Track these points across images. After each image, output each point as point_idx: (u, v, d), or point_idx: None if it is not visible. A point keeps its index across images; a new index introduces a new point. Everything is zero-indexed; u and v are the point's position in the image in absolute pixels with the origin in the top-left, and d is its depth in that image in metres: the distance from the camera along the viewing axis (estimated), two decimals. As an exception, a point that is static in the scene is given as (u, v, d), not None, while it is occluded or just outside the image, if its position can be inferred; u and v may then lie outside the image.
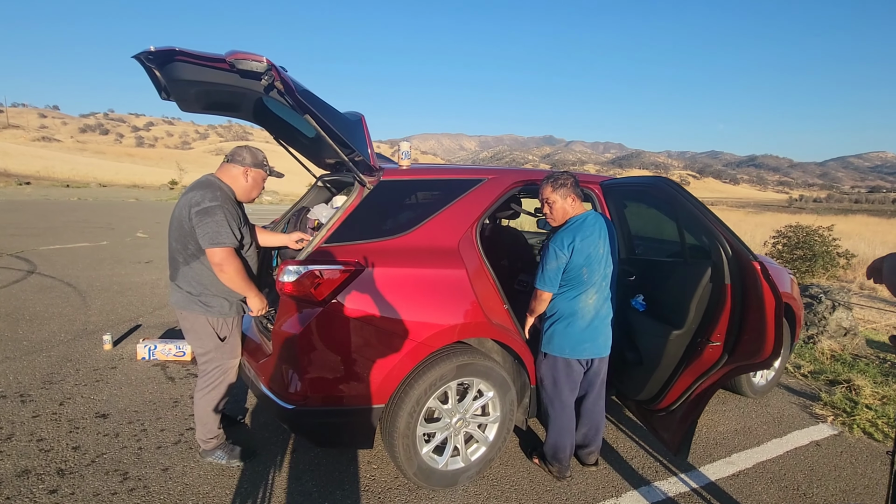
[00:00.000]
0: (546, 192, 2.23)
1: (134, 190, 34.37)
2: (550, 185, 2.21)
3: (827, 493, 2.45)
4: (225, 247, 2.10)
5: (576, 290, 2.18)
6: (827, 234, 9.80)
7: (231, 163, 2.30)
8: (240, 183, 2.31)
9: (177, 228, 2.20)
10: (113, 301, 5.31)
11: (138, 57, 1.94)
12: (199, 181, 2.27)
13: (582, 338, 2.21)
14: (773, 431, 3.08)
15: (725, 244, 1.82)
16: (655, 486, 2.44)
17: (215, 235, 2.08)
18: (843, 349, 4.83)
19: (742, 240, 1.81)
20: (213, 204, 2.10)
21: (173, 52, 1.79)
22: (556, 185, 2.20)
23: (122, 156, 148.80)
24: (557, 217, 2.24)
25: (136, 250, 8.79)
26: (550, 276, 2.18)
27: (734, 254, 1.81)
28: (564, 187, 2.20)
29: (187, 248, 2.18)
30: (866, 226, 23.82)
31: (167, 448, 2.56)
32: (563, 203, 2.21)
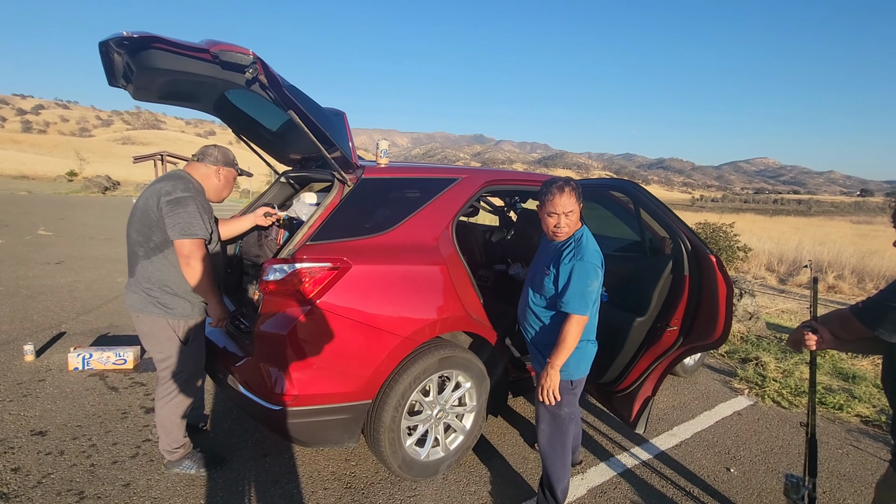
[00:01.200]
0: (567, 201, 1.88)
1: (23, 181, 30.29)
2: (573, 194, 1.90)
3: (751, 454, 2.86)
4: (196, 238, 2.03)
5: (595, 305, 1.98)
6: (729, 230, 11.09)
7: (202, 161, 2.23)
8: (211, 182, 2.24)
9: (139, 219, 2.08)
10: (24, 307, 4.72)
11: (107, 42, 1.79)
12: (169, 173, 2.17)
13: (594, 352, 2.07)
14: (703, 405, 3.50)
15: (685, 239, 2.07)
16: (615, 459, 2.70)
17: (186, 226, 2.00)
18: (748, 331, 5.54)
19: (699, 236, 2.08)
20: (185, 195, 2.04)
21: (151, 38, 1.68)
22: (578, 194, 1.91)
23: (5, 142, 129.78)
24: (571, 229, 1.95)
25: (41, 249, 7.83)
26: (594, 298, 1.90)
27: (693, 248, 2.07)
28: (582, 197, 1.95)
29: (150, 241, 2.07)
30: (754, 223, 27.07)
31: (124, 462, 2.38)
32: (578, 214, 1.94)
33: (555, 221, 1.92)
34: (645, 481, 2.51)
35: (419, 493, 2.30)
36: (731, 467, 2.69)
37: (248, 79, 1.84)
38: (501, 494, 2.34)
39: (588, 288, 1.84)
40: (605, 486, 2.46)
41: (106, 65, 2.10)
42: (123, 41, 1.71)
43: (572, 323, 1.84)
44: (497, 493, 2.35)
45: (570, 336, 1.84)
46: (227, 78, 1.89)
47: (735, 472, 2.65)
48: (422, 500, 2.25)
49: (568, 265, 1.86)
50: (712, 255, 1.99)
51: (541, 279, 1.99)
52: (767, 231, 20.62)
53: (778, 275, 11.33)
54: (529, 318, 2.09)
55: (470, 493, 2.34)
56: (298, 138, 2.76)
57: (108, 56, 2.01)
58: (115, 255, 7.70)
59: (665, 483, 2.50)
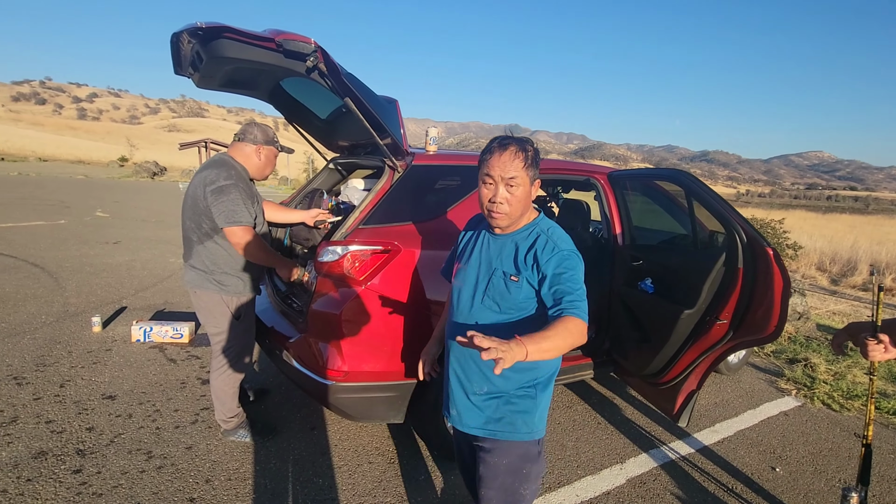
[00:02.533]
0: (510, 163, 1.25)
1: (80, 166, 32.13)
2: (521, 156, 1.26)
3: (798, 455, 2.78)
4: (242, 225, 2.12)
5: None
6: (778, 226, 10.59)
7: (243, 141, 2.29)
8: (253, 161, 2.30)
9: (191, 207, 2.19)
10: (89, 283, 5.07)
11: (179, 33, 1.90)
12: (213, 159, 2.25)
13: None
14: (747, 404, 3.41)
15: (741, 232, 2.02)
16: (655, 451, 2.69)
17: (231, 214, 2.09)
18: (797, 331, 5.32)
19: (756, 228, 2.03)
20: (227, 182, 2.11)
21: (222, 28, 1.77)
22: (531, 161, 1.28)
23: (62, 128, 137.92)
24: (516, 211, 1.30)
25: (100, 230, 8.34)
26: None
27: (749, 240, 2.02)
28: (536, 166, 1.31)
29: (201, 227, 2.18)
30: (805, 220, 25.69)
31: (185, 427, 2.56)
32: (528, 192, 1.31)
33: (490, 193, 1.29)
34: (686, 475, 2.49)
35: (459, 474, 2.36)
36: (777, 467, 2.62)
37: (309, 67, 1.91)
38: (540, 479, 2.38)
39: (581, 283, 1.27)
40: (645, 477, 2.45)
41: (174, 54, 2.22)
42: (197, 31, 1.81)
43: (580, 328, 1.16)
44: (536, 477, 2.39)
45: (571, 339, 1.13)
46: (289, 66, 1.96)
47: (781, 471, 2.59)
48: (461, 480, 2.32)
49: (552, 257, 1.26)
50: (770, 247, 1.93)
51: (497, 288, 1.33)
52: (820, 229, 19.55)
53: (830, 275, 10.76)
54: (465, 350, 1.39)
55: (509, 475, 2.38)
56: (348, 126, 2.84)
57: (177, 46, 2.13)
58: (166, 237, 8.11)
59: (706, 478, 2.48)
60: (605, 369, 2.99)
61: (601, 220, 3.02)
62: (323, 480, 2.24)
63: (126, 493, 2.03)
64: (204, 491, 2.09)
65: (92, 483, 2.08)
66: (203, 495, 2.07)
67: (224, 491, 2.10)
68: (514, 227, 1.37)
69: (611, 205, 2.89)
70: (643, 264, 2.60)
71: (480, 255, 1.43)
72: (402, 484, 2.26)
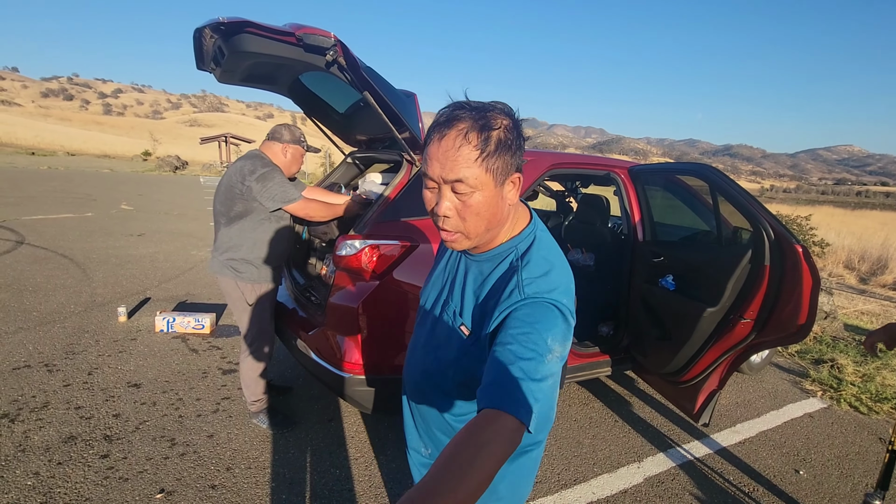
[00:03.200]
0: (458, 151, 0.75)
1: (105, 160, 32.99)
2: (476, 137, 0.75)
3: (823, 457, 2.70)
4: (295, 201, 2.26)
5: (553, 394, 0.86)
6: (804, 223, 10.28)
7: (271, 140, 2.42)
8: (280, 159, 2.39)
9: (224, 193, 2.27)
10: (115, 274, 5.21)
11: (202, 28, 1.93)
12: (248, 154, 2.36)
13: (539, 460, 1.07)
14: (770, 404, 3.33)
15: (769, 228, 1.97)
16: (673, 451, 2.65)
17: (283, 194, 2.23)
18: (823, 331, 5.17)
19: (784, 225, 1.97)
20: (267, 169, 2.23)
21: (244, 23, 1.79)
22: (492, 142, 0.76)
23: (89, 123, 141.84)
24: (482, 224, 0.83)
25: (125, 223, 8.55)
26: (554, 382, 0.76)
27: (776, 237, 1.96)
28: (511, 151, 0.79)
29: (231, 211, 2.27)
30: (832, 216, 24.85)
31: (207, 416, 2.62)
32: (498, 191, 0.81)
33: (431, 201, 0.83)
34: (704, 475, 2.45)
35: None
36: (801, 469, 2.56)
37: (328, 61, 1.92)
38: (553, 475, 2.36)
39: (545, 364, 0.73)
40: (663, 476, 2.42)
41: (197, 49, 2.25)
42: (220, 26, 1.83)
43: (498, 430, 0.65)
44: (549, 474, 2.37)
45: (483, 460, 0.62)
46: (309, 60, 1.97)
47: (805, 474, 2.53)
48: (478, 474, 2.33)
49: (509, 306, 0.81)
50: (799, 244, 1.88)
51: (441, 333, 0.97)
52: (848, 225, 18.90)
53: (858, 273, 10.41)
54: (426, 391, 1.03)
55: (524, 471, 2.38)
56: (366, 120, 2.84)
57: (200, 41, 2.15)
58: (188, 230, 8.28)
59: (726, 479, 2.43)
60: (623, 367, 2.96)
61: (621, 215, 2.97)
62: (340, 471, 2.27)
63: (151, 479, 2.09)
64: (225, 478, 2.14)
65: (118, 468, 2.14)
66: (224, 482, 2.12)
67: (244, 479, 2.15)
68: (488, 245, 0.89)
69: (631, 200, 2.84)
70: (664, 261, 2.55)
71: (445, 270, 1.01)
72: (418, 477, 2.27)
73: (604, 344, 2.91)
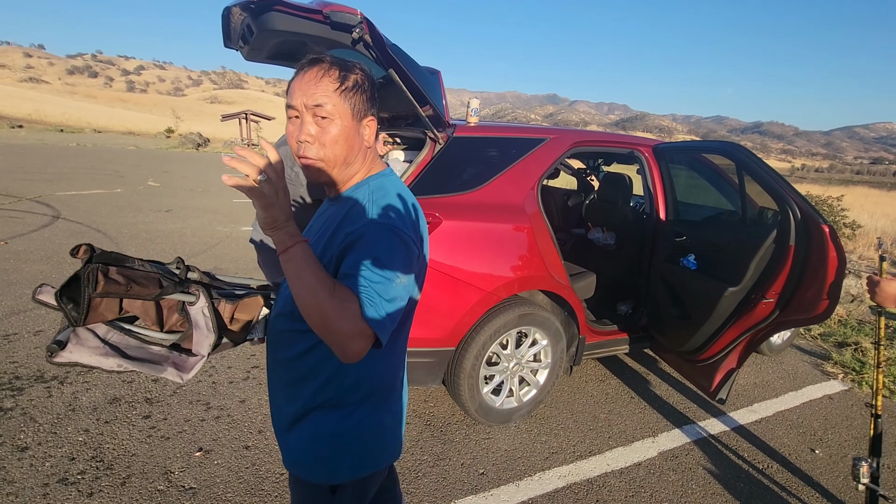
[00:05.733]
0: (318, 85, 0.88)
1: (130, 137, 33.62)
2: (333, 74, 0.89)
3: (841, 438, 2.71)
4: None
5: (402, 337, 1.04)
6: (835, 203, 9.94)
7: None
8: None
9: None
10: (146, 248, 5.42)
11: (230, 7, 1.96)
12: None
13: (401, 425, 1.10)
14: (788, 385, 3.33)
15: (795, 208, 1.94)
16: (688, 427, 2.69)
17: None
18: (849, 314, 5.07)
19: (812, 205, 1.94)
20: None
21: (273, 1, 1.81)
22: (350, 81, 0.90)
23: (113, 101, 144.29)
24: (340, 153, 0.92)
25: (152, 199, 8.79)
26: (399, 296, 0.85)
27: (803, 217, 1.94)
28: (365, 94, 0.93)
29: None
30: (867, 197, 23.88)
31: (238, 383, 2.76)
32: (355, 126, 0.93)
33: (293, 132, 0.91)
34: (719, 451, 2.49)
35: (493, 437, 2.46)
36: (817, 449, 2.58)
37: (355, 38, 1.94)
38: (569, 447, 2.44)
39: (393, 278, 0.83)
40: (677, 451, 2.47)
41: (225, 28, 2.29)
42: (249, 4, 1.85)
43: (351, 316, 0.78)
44: (565, 445, 2.45)
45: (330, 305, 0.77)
46: (335, 38, 1.99)
47: (821, 453, 2.55)
48: (495, 443, 2.42)
49: (357, 227, 0.88)
50: (826, 224, 1.85)
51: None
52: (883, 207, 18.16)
53: (891, 257, 10.07)
54: (277, 348, 1.02)
55: (540, 441, 2.46)
56: (389, 97, 2.85)
57: (228, 19, 2.19)
58: (213, 206, 8.48)
59: (740, 456, 2.47)
60: (641, 345, 2.99)
61: (644, 194, 2.96)
62: (364, 437, 2.38)
63: (189, 438, 2.24)
64: (257, 440, 2.28)
65: (160, 427, 2.30)
66: (257, 444, 2.25)
67: (275, 441, 2.28)
68: (344, 185, 0.98)
69: (655, 179, 2.81)
70: (686, 240, 2.54)
71: (314, 226, 1.07)
72: (439, 444, 2.37)
73: (622, 322, 2.94)
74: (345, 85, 0.90)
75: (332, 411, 0.96)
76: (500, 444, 2.42)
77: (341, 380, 0.95)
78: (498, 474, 2.20)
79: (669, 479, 2.26)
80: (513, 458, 2.32)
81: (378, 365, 0.98)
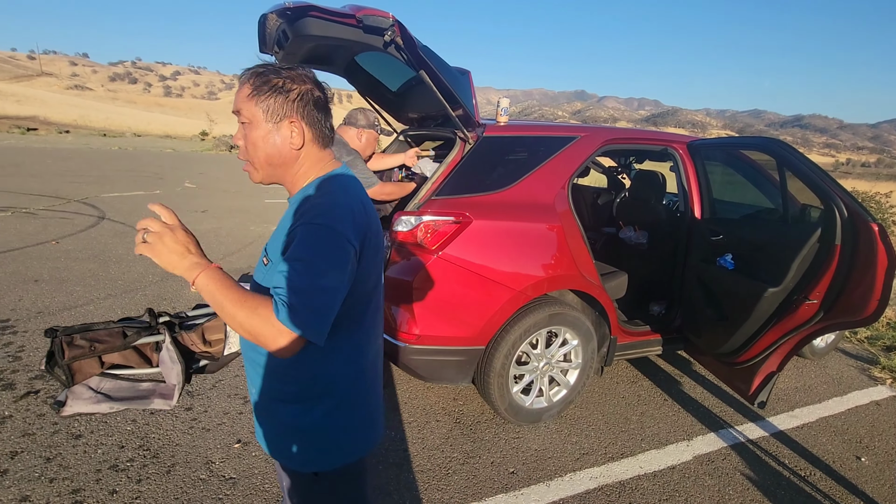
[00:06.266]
0: (240, 93, 0.96)
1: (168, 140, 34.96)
2: (248, 82, 0.95)
3: (888, 446, 2.59)
4: (375, 185, 2.46)
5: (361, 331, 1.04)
6: (883, 200, 9.42)
7: (347, 125, 2.58)
8: (355, 143, 2.55)
9: None
10: (184, 247, 5.64)
11: (267, 14, 2.02)
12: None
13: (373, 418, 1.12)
14: (833, 391, 3.19)
15: (841, 206, 1.87)
16: (725, 431, 2.62)
17: (365, 180, 2.41)
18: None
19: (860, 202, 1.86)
20: (351, 157, 2.41)
21: (308, 7, 1.87)
22: (257, 85, 0.94)
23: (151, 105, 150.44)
24: (261, 158, 0.98)
25: (189, 200, 9.13)
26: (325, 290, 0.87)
27: (850, 215, 1.86)
28: (276, 95, 0.94)
29: None
30: (919, 194, 22.56)
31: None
32: (270, 130, 0.96)
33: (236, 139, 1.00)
34: (758, 458, 2.42)
35: (522, 437, 2.46)
36: (863, 457, 2.47)
37: (386, 41, 1.97)
38: (600, 448, 2.41)
39: (317, 275, 0.86)
40: (713, 455, 2.41)
41: (261, 34, 2.37)
42: (286, 11, 1.91)
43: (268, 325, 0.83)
44: (596, 446, 2.43)
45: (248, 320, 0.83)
46: (367, 41, 2.03)
47: (867, 461, 2.44)
48: (525, 443, 2.41)
49: (291, 231, 0.92)
50: (875, 222, 1.77)
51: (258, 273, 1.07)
52: (935, 203, 17.11)
53: (944, 256, 9.48)
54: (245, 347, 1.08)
55: (571, 442, 2.45)
56: (419, 98, 2.89)
57: (264, 26, 2.26)
58: (246, 207, 8.74)
59: (781, 462, 2.39)
60: (675, 346, 2.92)
61: (678, 192, 2.89)
62: (395, 433, 2.42)
63: (229, 430, 2.33)
64: (292, 434, 2.35)
65: (201, 419, 2.40)
66: (292, 437, 2.32)
67: (309, 435, 2.35)
68: (293, 186, 1.03)
69: (689, 176, 2.75)
70: (723, 239, 2.47)
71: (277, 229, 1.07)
72: (469, 442, 2.39)
73: (655, 323, 2.88)
74: (257, 90, 0.94)
75: (293, 405, 1.01)
76: (530, 443, 2.41)
77: (298, 374, 0.99)
78: (528, 474, 2.20)
79: (706, 483, 2.21)
80: (543, 458, 2.32)
81: (334, 361, 1.00)
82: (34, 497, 1.86)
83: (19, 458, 2.05)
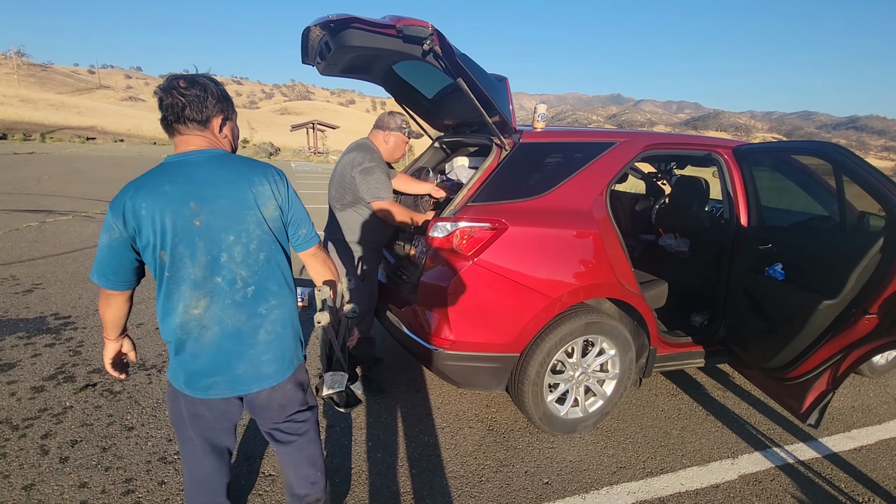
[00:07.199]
0: None
1: (212, 148, 36.58)
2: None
3: (961, 475, 2.39)
4: (385, 200, 2.46)
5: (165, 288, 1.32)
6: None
7: (377, 128, 2.63)
8: (383, 147, 2.60)
9: (338, 181, 2.55)
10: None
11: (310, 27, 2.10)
12: (357, 143, 2.59)
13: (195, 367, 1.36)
14: (894, 411, 2.98)
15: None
16: (772, 451, 2.49)
17: (376, 191, 2.43)
18: (970, 334, 4.44)
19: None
20: (372, 164, 2.44)
21: (351, 19, 1.92)
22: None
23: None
24: None
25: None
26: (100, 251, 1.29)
27: (919, 224, 1.75)
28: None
29: (344, 199, 2.53)
30: None
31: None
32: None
33: None
34: (810, 480, 2.28)
35: (557, 447, 2.42)
36: (930, 485, 2.29)
37: (425, 50, 2.00)
38: (638, 462, 2.34)
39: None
40: (761, 475, 2.29)
41: (303, 46, 2.45)
42: (329, 23, 1.98)
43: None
44: (633, 460, 2.35)
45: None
46: (406, 51, 2.06)
47: (935, 490, 2.25)
48: (560, 453, 2.37)
49: None
50: (946, 232, 1.65)
51: None
52: None
53: None
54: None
55: (607, 455, 2.38)
56: (455, 105, 2.91)
57: (306, 38, 2.34)
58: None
59: (836, 486, 2.24)
60: (718, 359, 2.81)
61: (722, 198, 2.78)
62: (428, 438, 2.43)
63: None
64: (328, 434, 2.40)
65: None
66: (327, 438, 2.37)
67: (343, 436, 2.39)
68: None
69: (735, 182, 2.64)
70: (772, 248, 2.36)
71: None
72: (502, 450, 2.37)
73: (697, 334, 2.77)
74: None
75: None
76: (565, 454, 2.37)
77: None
78: (563, 485, 2.16)
79: (752, 504, 2.10)
80: (578, 469, 2.27)
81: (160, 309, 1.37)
82: (91, 484, 1.98)
83: (79, 447, 2.19)
